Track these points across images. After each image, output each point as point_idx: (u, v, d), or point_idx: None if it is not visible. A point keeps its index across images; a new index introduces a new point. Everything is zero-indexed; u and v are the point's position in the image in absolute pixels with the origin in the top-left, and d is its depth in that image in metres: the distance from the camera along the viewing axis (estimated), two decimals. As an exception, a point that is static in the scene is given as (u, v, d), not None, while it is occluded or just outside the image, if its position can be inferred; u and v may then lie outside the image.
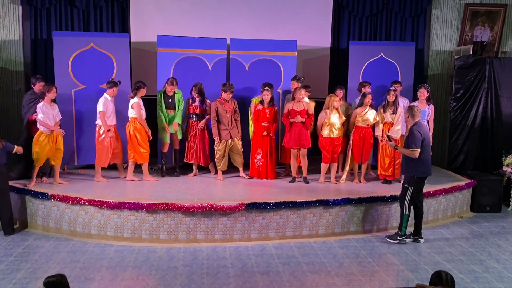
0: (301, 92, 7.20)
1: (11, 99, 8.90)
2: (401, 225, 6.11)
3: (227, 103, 7.32)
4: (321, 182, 7.31)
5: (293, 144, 7.17)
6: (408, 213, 6.04)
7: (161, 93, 7.45)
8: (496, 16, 9.42)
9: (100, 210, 6.05)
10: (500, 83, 8.38)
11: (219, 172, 7.48)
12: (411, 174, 5.98)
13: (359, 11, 9.28)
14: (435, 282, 3.40)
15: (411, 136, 5.91)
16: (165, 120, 7.44)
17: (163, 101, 7.41)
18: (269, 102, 7.35)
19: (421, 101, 7.36)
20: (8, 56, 8.77)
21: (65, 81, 7.60)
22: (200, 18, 8.72)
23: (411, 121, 6.02)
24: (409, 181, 6.01)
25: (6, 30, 8.71)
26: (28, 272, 5.07)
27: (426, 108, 7.36)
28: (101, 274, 5.07)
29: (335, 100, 7.17)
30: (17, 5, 8.67)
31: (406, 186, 6.03)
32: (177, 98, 7.47)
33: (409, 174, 6.01)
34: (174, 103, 7.45)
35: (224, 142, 7.34)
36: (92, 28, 8.75)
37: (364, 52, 8.34)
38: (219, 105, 7.30)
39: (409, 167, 5.99)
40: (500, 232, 6.79)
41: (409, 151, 5.90)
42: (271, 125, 7.38)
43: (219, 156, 7.37)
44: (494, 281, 5.11)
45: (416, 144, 5.85)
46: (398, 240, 6.11)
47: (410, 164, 5.96)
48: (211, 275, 5.10)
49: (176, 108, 7.47)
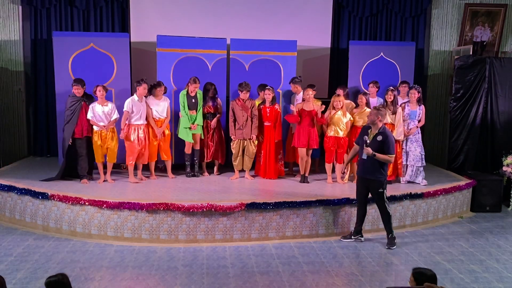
0: (308, 92, 7.21)
1: (11, 99, 8.91)
2: (389, 228, 6.04)
3: (244, 103, 7.36)
4: (329, 182, 7.31)
5: (302, 143, 7.18)
6: (391, 212, 6.03)
7: (184, 94, 7.43)
8: (496, 16, 9.42)
9: (100, 210, 6.05)
10: (500, 83, 8.38)
11: (235, 172, 7.52)
12: (383, 178, 5.89)
13: (359, 11, 9.27)
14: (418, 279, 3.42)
15: (389, 143, 5.79)
16: (190, 121, 7.41)
17: (186, 101, 7.42)
18: (270, 102, 7.36)
19: (412, 101, 7.35)
20: (8, 56, 8.78)
21: (65, 81, 7.59)
22: (200, 18, 8.72)
23: (380, 124, 5.88)
24: (382, 185, 5.89)
25: (6, 30, 8.71)
26: (28, 272, 5.07)
27: (417, 109, 7.34)
28: (101, 274, 5.07)
29: (337, 100, 7.17)
30: (17, 5, 8.68)
31: (381, 191, 5.90)
32: (199, 99, 7.47)
33: (380, 179, 5.87)
34: (196, 104, 7.44)
35: (238, 142, 7.37)
36: (92, 28, 8.75)
37: (364, 52, 8.35)
38: (235, 104, 7.37)
39: (381, 171, 5.86)
40: (500, 232, 6.79)
41: (388, 157, 5.80)
42: (273, 124, 7.38)
43: (234, 155, 7.44)
44: (494, 281, 5.11)
45: (393, 150, 5.82)
46: (396, 243, 6.03)
47: (382, 169, 5.86)
48: (211, 275, 5.10)
49: (197, 108, 7.47)
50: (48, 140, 8.98)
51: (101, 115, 6.93)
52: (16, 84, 8.88)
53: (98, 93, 6.91)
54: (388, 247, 5.98)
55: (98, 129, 6.96)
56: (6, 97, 8.87)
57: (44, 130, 8.95)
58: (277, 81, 8.04)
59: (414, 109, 7.30)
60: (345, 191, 6.82)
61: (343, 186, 7.19)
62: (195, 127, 7.42)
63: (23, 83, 8.87)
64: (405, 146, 7.35)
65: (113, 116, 7.02)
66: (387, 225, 6.04)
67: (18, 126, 9.01)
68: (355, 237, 6.18)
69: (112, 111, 7.01)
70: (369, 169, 5.89)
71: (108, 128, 6.97)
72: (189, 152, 7.58)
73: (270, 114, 7.38)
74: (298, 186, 7.08)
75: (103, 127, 6.94)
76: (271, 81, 7.84)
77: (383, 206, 5.96)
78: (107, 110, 6.97)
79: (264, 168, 7.49)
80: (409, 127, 7.30)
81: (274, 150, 7.49)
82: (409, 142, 7.33)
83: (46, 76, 8.77)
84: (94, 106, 6.96)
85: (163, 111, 7.31)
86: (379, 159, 5.78)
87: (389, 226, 6.04)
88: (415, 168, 7.33)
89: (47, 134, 8.97)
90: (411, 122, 7.31)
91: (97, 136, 6.98)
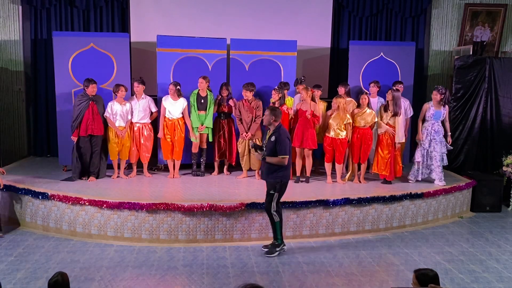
0: (308, 92, 7.19)
1: (11, 99, 8.91)
2: (276, 234, 5.66)
3: (248, 103, 7.39)
4: (328, 182, 7.31)
5: (297, 143, 7.18)
6: (279, 220, 5.62)
7: (194, 94, 7.45)
8: (496, 16, 9.42)
9: (100, 210, 6.05)
10: (500, 83, 8.38)
11: (243, 171, 7.57)
12: (277, 180, 5.54)
13: (359, 11, 9.28)
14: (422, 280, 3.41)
15: (280, 143, 5.45)
16: (199, 121, 7.44)
17: (196, 102, 7.43)
18: (279, 102, 7.32)
19: (434, 102, 7.29)
20: (8, 56, 8.78)
21: (65, 81, 7.61)
22: (200, 18, 8.72)
23: (275, 124, 5.57)
24: (274, 187, 5.55)
25: (6, 30, 8.71)
26: (28, 272, 5.07)
27: (441, 109, 7.28)
28: (101, 274, 5.07)
29: (337, 102, 7.16)
30: (17, 5, 8.68)
31: (271, 193, 5.56)
32: (209, 100, 7.47)
33: (275, 181, 5.54)
34: (206, 105, 7.46)
35: (243, 141, 7.41)
36: (92, 28, 8.75)
37: (364, 52, 8.35)
38: (241, 104, 7.40)
39: (276, 173, 5.52)
40: (500, 232, 6.79)
41: (279, 159, 5.45)
42: None
43: (240, 154, 7.50)
44: (494, 281, 5.11)
45: (286, 151, 5.47)
46: (277, 251, 5.65)
47: (277, 171, 5.52)
48: (211, 275, 5.10)
49: (207, 109, 7.48)
50: (48, 140, 8.99)
51: (120, 114, 7.16)
52: (16, 84, 8.88)
53: (120, 92, 7.13)
54: (265, 254, 5.66)
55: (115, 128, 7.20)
56: (6, 97, 8.88)
57: (44, 130, 8.96)
58: (277, 81, 8.01)
59: (439, 109, 7.24)
60: (345, 191, 6.83)
61: (343, 186, 7.19)
62: (203, 128, 7.43)
63: (23, 83, 8.87)
64: (429, 147, 7.27)
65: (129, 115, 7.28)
66: (273, 231, 5.68)
67: (18, 126, 9.02)
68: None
69: (129, 110, 7.26)
70: (265, 171, 5.66)
71: (127, 128, 7.24)
72: (196, 151, 7.61)
73: None
74: (298, 186, 7.08)
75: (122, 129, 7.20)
76: (271, 81, 7.83)
77: (268, 208, 5.61)
78: (125, 109, 7.19)
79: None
80: (433, 127, 7.23)
81: None
82: (433, 142, 7.26)
83: (46, 76, 8.77)
84: (112, 104, 7.15)
85: (176, 111, 7.36)
86: (270, 162, 5.53)
87: (274, 232, 5.67)
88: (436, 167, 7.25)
89: (47, 134, 8.97)
90: (435, 123, 7.27)
91: (113, 133, 7.18)
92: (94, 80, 7.08)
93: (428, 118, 7.27)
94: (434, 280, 3.37)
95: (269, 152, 5.55)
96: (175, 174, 7.53)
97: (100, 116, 7.09)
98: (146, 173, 7.51)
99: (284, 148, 5.46)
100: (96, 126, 7.05)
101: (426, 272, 3.48)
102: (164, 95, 7.53)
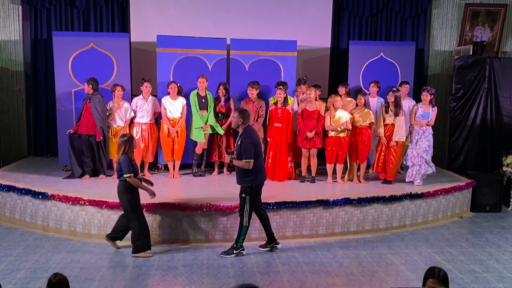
0: (311, 91, 7.18)
1: (11, 99, 8.91)
2: (239, 237, 5.60)
3: (252, 103, 7.39)
4: (328, 182, 7.31)
5: (305, 143, 7.18)
6: (248, 225, 5.56)
7: (195, 94, 7.45)
8: (496, 16, 9.42)
9: (100, 210, 6.05)
10: (500, 83, 8.39)
11: None
12: (247, 184, 5.48)
13: (359, 11, 9.27)
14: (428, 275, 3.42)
15: (245, 147, 5.40)
16: (202, 121, 7.42)
17: (197, 101, 7.42)
18: (282, 102, 7.32)
19: (425, 103, 7.29)
20: (8, 56, 8.78)
21: (65, 81, 7.61)
22: (200, 18, 8.72)
23: (243, 126, 5.51)
24: (245, 191, 5.50)
25: (6, 30, 8.72)
26: (28, 272, 5.07)
27: (430, 110, 7.28)
28: (101, 274, 5.07)
29: (335, 101, 7.16)
30: (17, 5, 8.68)
31: (244, 196, 5.51)
32: (209, 99, 7.48)
33: (245, 185, 5.49)
34: (207, 104, 7.46)
35: None
36: (92, 28, 8.75)
37: (364, 52, 8.35)
38: (245, 103, 7.43)
39: (245, 178, 5.49)
40: (500, 232, 6.79)
41: (243, 163, 5.41)
42: (284, 126, 7.32)
43: None
44: (494, 281, 5.11)
45: (249, 155, 5.38)
46: (234, 253, 5.58)
47: (245, 175, 5.48)
48: (211, 275, 5.10)
49: (208, 108, 7.47)
50: (48, 140, 8.98)
51: (118, 114, 7.24)
52: (16, 84, 8.88)
53: (117, 92, 7.18)
54: (221, 253, 5.62)
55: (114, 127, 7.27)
56: (6, 97, 8.88)
57: (44, 130, 8.95)
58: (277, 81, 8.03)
59: (427, 110, 7.23)
60: (345, 191, 6.83)
61: (343, 186, 7.19)
62: (207, 127, 7.43)
63: (23, 83, 8.87)
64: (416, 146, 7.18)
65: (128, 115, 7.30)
66: (238, 233, 5.62)
67: (18, 126, 9.02)
68: (270, 245, 5.80)
69: (128, 110, 7.27)
70: (236, 175, 5.63)
71: (126, 127, 7.26)
72: (200, 152, 7.60)
73: (281, 115, 7.32)
74: (298, 186, 7.08)
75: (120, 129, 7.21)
76: (271, 81, 7.83)
77: (240, 212, 5.59)
78: (123, 109, 7.24)
79: (273, 169, 7.40)
80: (421, 127, 7.19)
81: (285, 152, 7.39)
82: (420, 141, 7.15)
83: (46, 76, 8.77)
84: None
85: (176, 110, 7.37)
86: (236, 165, 5.51)
87: (238, 235, 5.61)
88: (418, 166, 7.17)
89: (47, 134, 8.97)
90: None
91: (113, 133, 7.26)
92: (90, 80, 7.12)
93: (417, 118, 7.25)
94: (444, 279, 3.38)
95: (237, 156, 5.51)
96: (175, 174, 7.53)
97: (92, 116, 7.05)
98: (146, 173, 7.51)
99: (248, 152, 5.38)
100: (85, 125, 7.08)
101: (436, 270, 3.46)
102: (164, 95, 7.53)
